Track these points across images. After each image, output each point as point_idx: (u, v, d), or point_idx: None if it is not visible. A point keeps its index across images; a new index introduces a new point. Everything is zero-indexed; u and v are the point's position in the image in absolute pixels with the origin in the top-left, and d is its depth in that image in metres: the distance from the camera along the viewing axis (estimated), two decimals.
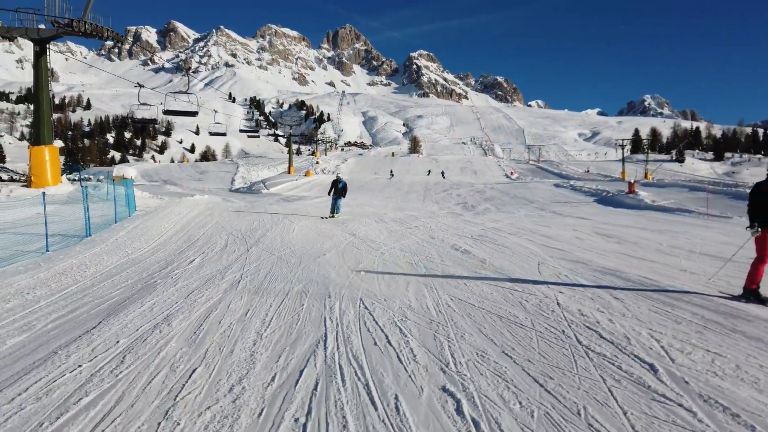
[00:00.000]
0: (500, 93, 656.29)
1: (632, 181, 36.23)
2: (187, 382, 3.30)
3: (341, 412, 2.89)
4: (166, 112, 26.96)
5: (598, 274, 6.81)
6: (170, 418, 2.82)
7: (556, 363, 3.61)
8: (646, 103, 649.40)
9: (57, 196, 18.85)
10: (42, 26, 18.75)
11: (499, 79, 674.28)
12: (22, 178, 46.86)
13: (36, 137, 18.95)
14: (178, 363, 3.63)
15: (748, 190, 5.72)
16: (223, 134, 40.36)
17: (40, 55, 18.76)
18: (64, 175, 25.41)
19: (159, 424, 2.76)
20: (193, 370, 3.49)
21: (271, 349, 3.92)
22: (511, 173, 70.19)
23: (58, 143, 19.66)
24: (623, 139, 57.12)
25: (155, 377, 3.38)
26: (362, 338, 4.16)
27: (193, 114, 26.15)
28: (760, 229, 5.60)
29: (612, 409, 2.93)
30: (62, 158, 48.90)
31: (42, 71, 18.88)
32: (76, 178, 30.94)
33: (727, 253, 8.05)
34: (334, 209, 15.71)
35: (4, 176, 47.26)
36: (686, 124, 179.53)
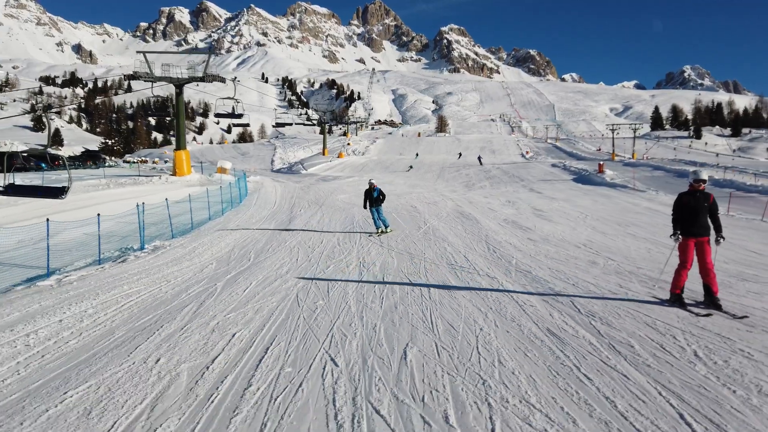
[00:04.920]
0: (533, 67, 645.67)
1: (601, 162, 45.88)
2: (329, 222, 15.03)
3: (360, 225, 14.33)
4: (216, 115, 36.22)
5: (455, 214, 17.80)
6: (326, 225, 14.35)
7: (406, 223, 14.88)
8: (685, 75, 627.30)
9: (191, 181, 30.86)
10: (178, 75, 30.42)
11: (532, 52, 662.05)
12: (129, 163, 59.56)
13: (177, 146, 30.94)
14: (321, 221, 15.36)
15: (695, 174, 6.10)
16: (289, 124, 51.72)
17: (179, 95, 30.59)
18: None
19: (325, 223, 14.41)
20: (324, 223, 15.05)
21: (339, 222, 15.65)
22: (527, 152, 72.90)
23: (189, 147, 31.53)
24: (613, 125, 65.78)
25: (321, 222, 14.97)
26: (362, 222, 15.60)
27: (239, 116, 31.88)
28: (681, 237, 6.06)
29: (409, 220, 14.24)
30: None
31: (180, 104, 30.78)
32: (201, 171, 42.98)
33: (562, 217, 19.02)
34: (379, 222, 13.28)
35: (103, 163, 60.47)
36: (721, 96, 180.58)
